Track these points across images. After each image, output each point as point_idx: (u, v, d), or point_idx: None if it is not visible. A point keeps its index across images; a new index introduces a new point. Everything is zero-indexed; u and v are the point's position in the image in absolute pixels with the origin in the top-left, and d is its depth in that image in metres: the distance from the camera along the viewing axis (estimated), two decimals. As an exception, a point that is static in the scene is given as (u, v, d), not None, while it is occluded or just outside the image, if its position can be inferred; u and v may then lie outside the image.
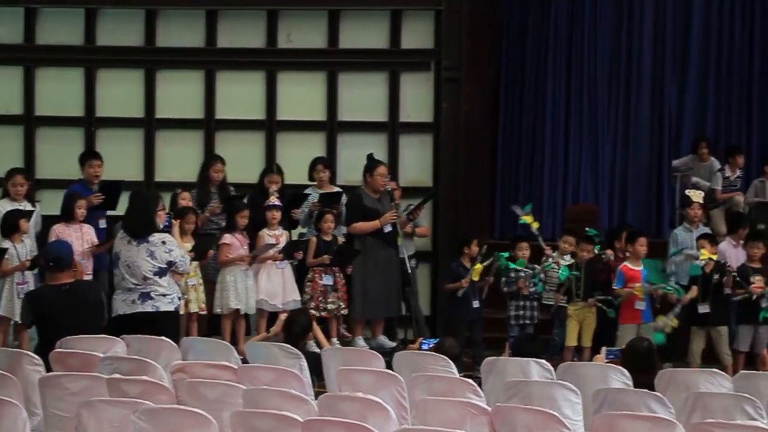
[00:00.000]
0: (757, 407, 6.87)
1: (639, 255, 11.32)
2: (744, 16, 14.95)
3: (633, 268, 11.26)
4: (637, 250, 11.32)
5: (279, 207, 11.71)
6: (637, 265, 11.28)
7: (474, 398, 7.23)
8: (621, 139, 14.93)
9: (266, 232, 11.65)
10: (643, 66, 14.84)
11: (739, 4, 14.94)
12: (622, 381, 7.79)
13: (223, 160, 12.31)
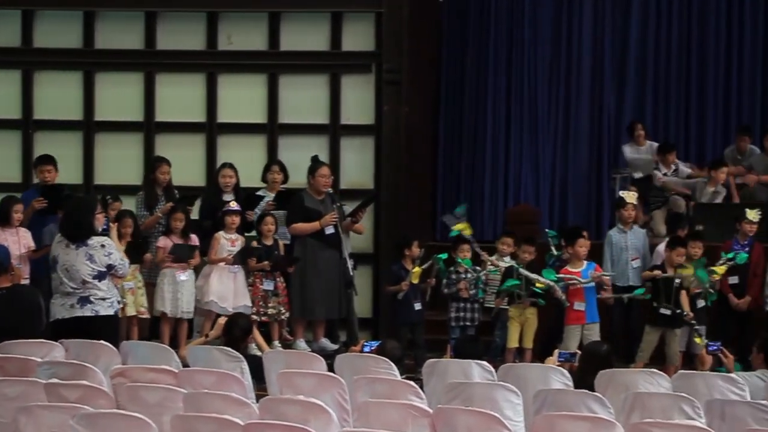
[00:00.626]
0: (695, 407, 6.92)
1: (579, 256, 11.37)
2: (681, 20, 15.13)
3: (573, 270, 11.30)
4: (576, 251, 11.37)
5: (238, 212, 11.68)
6: (578, 266, 11.32)
7: (415, 400, 7.23)
8: (561, 141, 15.02)
9: (222, 236, 11.61)
10: (583, 68, 14.95)
11: (677, 8, 15.11)
12: (563, 382, 7.82)
13: (168, 161, 12.24)
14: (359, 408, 7.03)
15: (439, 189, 14.92)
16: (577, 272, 11.25)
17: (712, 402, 7.13)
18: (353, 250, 12.56)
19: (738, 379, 7.67)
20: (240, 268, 11.57)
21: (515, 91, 14.80)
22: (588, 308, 11.17)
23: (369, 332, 12.84)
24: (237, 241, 11.67)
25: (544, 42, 14.89)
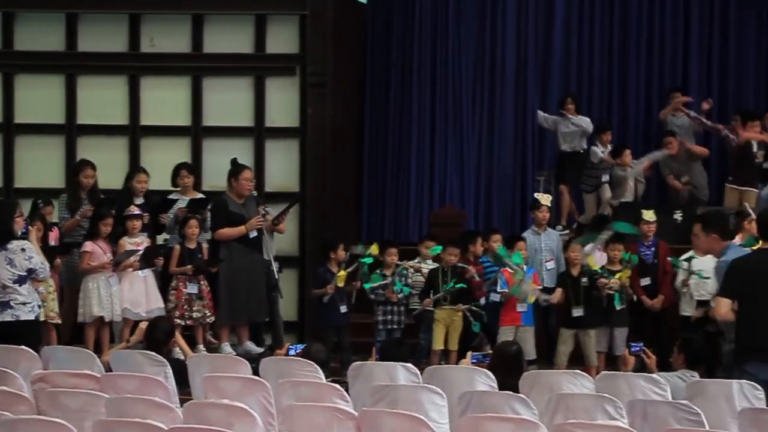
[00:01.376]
0: (618, 407, 6.97)
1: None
2: (603, 19, 15.29)
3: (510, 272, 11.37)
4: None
5: (138, 216, 11.57)
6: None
7: (341, 403, 7.21)
8: (486, 144, 15.09)
9: (127, 240, 11.51)
10: (507, 70, 15.04)
11: (599, 7, 15.27)
12: (488, 384, 7.85)
13: (93, 165, 12.10)
14: (284, 411, 7.00)
15: (364, 191, 14.93)
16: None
17: (634, 402, 7.18)
18: (278, 252, 12.51)
19: (660, 380, 7.73)
20: (149, 271, 11.47)
21: (440, 92, 14.85)
22: (526, 312, 11.28)
23: (294, 335, 12.81)
24: (142, 245, 11.55)
25: (468, 43, 14.95)
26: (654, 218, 11.88)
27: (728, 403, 7.34)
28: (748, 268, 8.19)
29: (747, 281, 7.97)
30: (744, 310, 7.95)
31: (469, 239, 12.12)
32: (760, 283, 7.90)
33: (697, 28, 15.24)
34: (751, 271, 8.05)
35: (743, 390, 7.38)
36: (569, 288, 11.46)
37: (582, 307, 11.34)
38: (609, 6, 15.32)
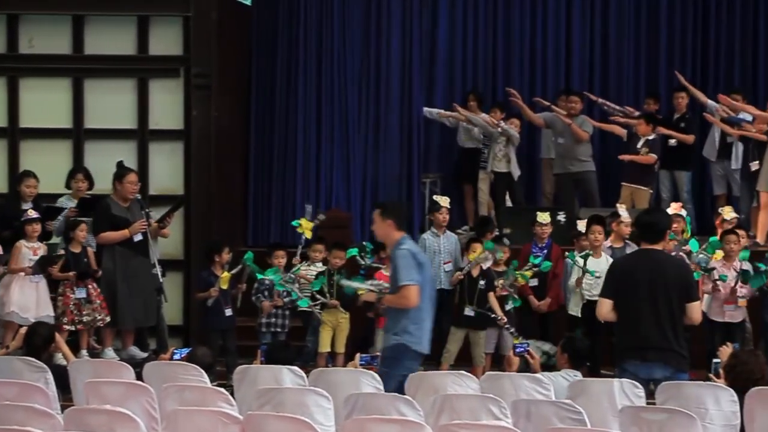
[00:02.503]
0: (502, 407, 7.04)
1: (390, 260, 11.46)
2: (487, 24, 15.46)
3: (386, 274, 11.36)
4: (390, 255, 11.46)
5: (38, 219, 11.37)
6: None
7: (226, 407, 7.16)
8: (372, 147, 15.09)
9: (24, 244, 11.30)
10: (392, 72, 15.04)
11: (482, 10, 15.42)
12: (374, 385, 7.86)
13: None
14: (168, 416, 6.93)
15: (250, 194, 14.83)
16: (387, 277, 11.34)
17: (518, 402, 7.26)
18: (162, 256, 12.39)
19: (543, 380, 7.83)
20: (41, 277, 11.28)
21: (325, 94, 14.81)
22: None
23: (180, 339, 12.68)
24: (39, 250, 11.35)
25: (354, 44, 14.94)
26: (548, 220, 11.99)
27: (610, 401, 7.46)
28: (626, 268, 8.34)
29: (625, 282, 8.11)
30: (623, 310, 8.08)
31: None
32: (637, 284, 8.05)
33: (578, 27, 15.45)
34: (629, 272, 8.20)
35: (624, 388, 7.51)
36: (465, 287, 11.50)
37: (474, 307, 11.41)
38: (492, 5, 15.45)
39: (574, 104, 14.25)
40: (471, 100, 14.75)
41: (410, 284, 8.49)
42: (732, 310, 11.10)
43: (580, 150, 14.11)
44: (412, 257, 8.60)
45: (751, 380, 7.36)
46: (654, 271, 8.05)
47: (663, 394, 7.52)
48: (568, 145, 14.10)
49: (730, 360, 7.62)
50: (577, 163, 14.13)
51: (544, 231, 11.97)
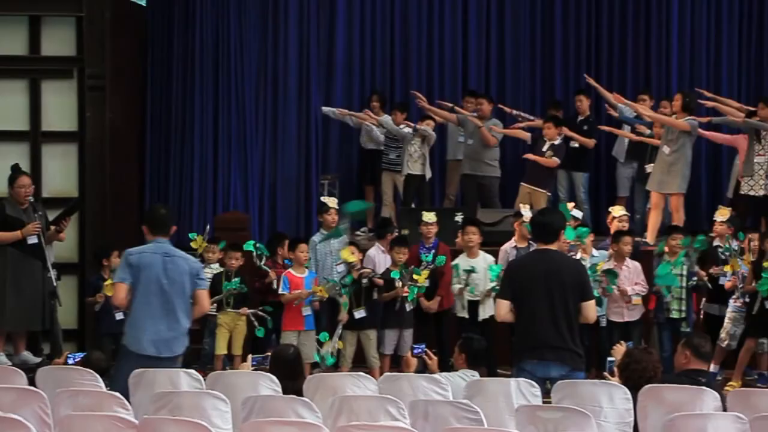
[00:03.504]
0: (400, 408, 7.05)
1: (300, 261, 11.41)
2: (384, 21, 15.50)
3: (297, 275, 11.33)
4: (298, 256, 11.42)
5: None
6: (301, 272, 11.36)
7: (121, 412, 7.08)
8: (269, 148, 15.05)
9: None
10: (290, 73, 15.04)
11: (379, 9, 15.47)
12: (272, 388, 7.82)
13: None
14: (62, 422, 6.83)
15: (146, 196, 14.69)
16: (300, 277, 11.30)
17: (416, 402, 7.28)
18: (57, 259, 12.21)
19: (441, 380, 7.86)
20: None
21: (222, 95, 14.73)
22: (308, 316, 11.28)
23: (74, 344, 12.51)
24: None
25: (251, 45, 14.89)
26: (434, 219, 12.00)
27: (506, 400, 7.51)
28: (523, 269, 8.41)
29: (522, 282, 8.18)
30: (520, 310, 8.15)
31: (276, 242, 12.06)
32: (533, 284, 8.11)
33: (474, 23, 15.54)
34: (525, 272, 8.27)
35: (520, 388, 7.57)
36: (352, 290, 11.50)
37: (363, 309, 11.41)
38: (390, 6, 15.51)
39: (481, 106, 14.34)
40: (374, 101, 14.76)
41: (116, 282, 8.64)
42: (632, 309, 11.25)
43: (487, 154, 14.19)
44: (125, 258, 8.61)
45: (644, 378, 7.47)
46: (549, 270, 8.11)
47: (559, 393, 7.60)
48: (476, 148, 14.18)
49: (624, 358, 7.72)
50: (483, 166, 14.20)
51: (430, 230, 11.95)
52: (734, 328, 11.09)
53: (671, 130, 12.69)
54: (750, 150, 12.70)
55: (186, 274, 8.58)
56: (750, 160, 12.68)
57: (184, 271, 8.58)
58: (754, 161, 12.64)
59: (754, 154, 12.65)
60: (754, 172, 12.63)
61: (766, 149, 12.63)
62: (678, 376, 7.59)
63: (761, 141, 12.62)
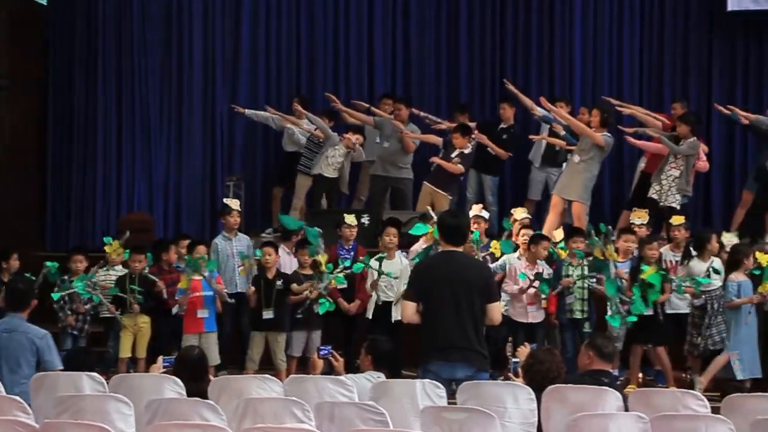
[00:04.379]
0: (305, 410, 7.03)
1: (205, 265, 11.37)
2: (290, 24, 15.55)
3: (195, 278, 11.25)
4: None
5: None
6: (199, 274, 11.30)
7: (21, 416, 6.97)
8: (174, 150, 14.96)
9: None
10: (194, 74, 14.97)
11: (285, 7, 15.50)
12: (176, 391, 7.76)
13: None
14: (-41, 428, 6.71)
15: (48, 197, 14.50)
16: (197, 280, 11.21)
17: (321, 404, 7.27)
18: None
19: (347, 382, 7.85)
20: None
21: (126, 96, 14.63)
22: (208, 318, 11.18)
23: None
24: None
25: (154, 45, 14.79)
26: (355, 222, 12.04)
27: (412, 402, 7.53)
28: (429, 270, 8.44)
29: (429, 284, 8.20)
30: (426, 311, 8.18)
31: (162, 248, 11.94)
32: (439, 285, 8.14)
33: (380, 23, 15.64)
34: (431, 273, 8.29)
35: (425, 389, 7.60)
36: (262, 290, 11.46)
37: (272, 310, 11.36)
38: (296, 4, 15.53)
39: (398, 111, 14.37)
40: (296, 103, 14.69)
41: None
42: (534, 311, 11.34)
43: (402, 157, 14.24)
44: None
45: (548, 379, 7.53)
46: (456, 272, 8.14)
47: (464, 394, 7.63)
48: (392, 150, 14.23)
49: (528, 359, 7.79)
50: (397, 169, 14.26)
51: (352, 233, 12.02)
52: (617, 331, 11.25)
53: (586, 140, 12.84)
54: (666, 160, 12.89)
55: (26, 351, 8.41)
56: (662, 169, 12.88)
57: (25, 348, 8.41)
58: (666, 172, 12.85)
59: (669, 165, 12.85)
60: (663, 182, 12.84)
61: (680, 164, 12.84)
62: (581, 377, 7.67)
63: (677, 155, 12.83)
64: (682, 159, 12.87)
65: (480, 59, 15.64)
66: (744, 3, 14.79)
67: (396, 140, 14.16)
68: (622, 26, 15.44)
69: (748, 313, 10.64)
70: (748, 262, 10.80)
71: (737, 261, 10.81)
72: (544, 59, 15.52)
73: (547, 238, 11.65)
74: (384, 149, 14.28)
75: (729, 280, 10.82)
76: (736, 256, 10.87)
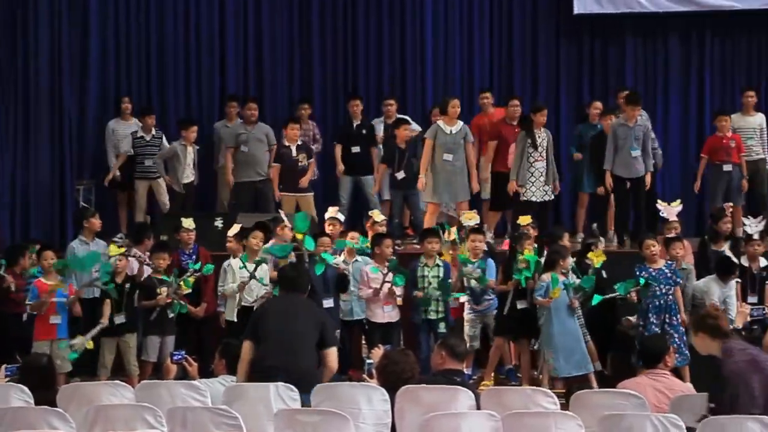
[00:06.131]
0: (157, 415, 6.99)
1: (47, 269, 11.12)
2: (140, 28, 15.43)
3: (46, 282, 11.02)
4: (43, 264, 11.11)
5: None
6: (51, 279, 11.06)
7: None
8: (21, 152, 14.67)
9: None
10: (41, 77, 14.70)
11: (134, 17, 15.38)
12: (23, 399, 7.60)
13: None
14: None
15: None
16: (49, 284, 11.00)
17: (174, 410, 7.21)
18: None
19: (200, 386, 7.79)
20: None
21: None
22: (61, 324, 10.98)
23: None
24: None
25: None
26: (193, 226, 11.96)
27: (265, 405, 7.50)
28: (267, 312, 8.66)
29: (265, 324, 8.44)
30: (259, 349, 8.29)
31: (18, 253, 11.69)
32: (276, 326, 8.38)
33: (232, 23, 15.58)
34: (269, 315, 8.55)
35: (279, 392, 7.57)
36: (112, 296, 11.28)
37: (124, 315, 11.21)
38: (145, 6, 15.40)
39: (253, 111, 14.31)
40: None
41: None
42: (390, 311, 11.39)
43: (263, 161, 14.22)
44: None
45: (402, 379, 7.56)
46: (292, 314, 8.42)
47: (318, 396, 7.64)
48: (253, 154, 14.18)
49: (382, 360, 7.81)
50: (259, 173, 14.21)
51: (190, 236, 11.94)
52: (472, 329, 11.37)
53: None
54: (524, 157, 13.04)
55: None
56: (525, 168, 13.03)
57: None
58: (532, 167, 13.00)
59: (532, 160, 13.02)
60: (534, 178, 13.01)
61: (543, 155, 13.02)
62: (434, 376, 7.73)
63: (537, 147, 13.02)
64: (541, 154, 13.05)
65: (333, 60, 15.67)
66: (590, 6, 15.23)
67: (255, 144, 14.13)
68: (472, 27, 15.65)
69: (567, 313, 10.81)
70: (564, 262, 11.01)
71: (553, 261, 11.00)
72: (395, 58, 15.63)
73: (388, 236, 11.67)
74: (244, 154, 14.20)
75: (540, 280, 11.01)
76: (552, 257, 11.07)
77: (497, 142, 13.69)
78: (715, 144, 13.73)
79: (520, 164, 13.03)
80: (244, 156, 14.22)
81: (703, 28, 15.45)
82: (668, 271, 11.05)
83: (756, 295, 11.46)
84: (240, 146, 14.22)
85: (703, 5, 15.16)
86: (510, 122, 13.83)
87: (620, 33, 15.55)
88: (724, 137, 13.64)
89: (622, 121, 13.29)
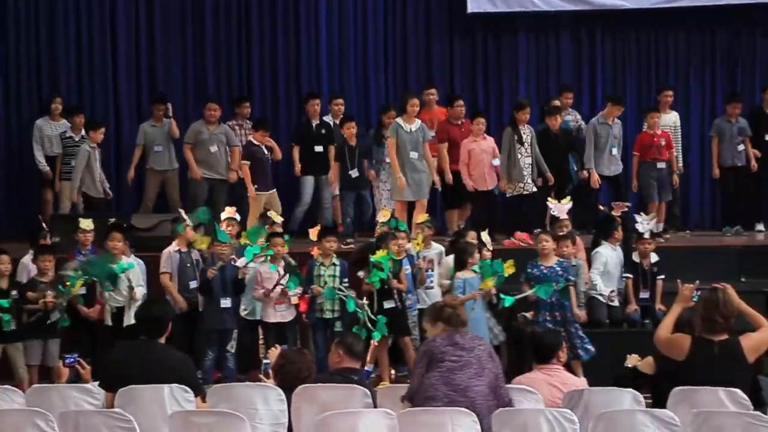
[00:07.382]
0: (49, 420, 6.90)
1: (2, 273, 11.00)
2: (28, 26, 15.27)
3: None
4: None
5: None
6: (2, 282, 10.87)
7: None
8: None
9: None
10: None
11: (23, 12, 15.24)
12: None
13: None
14: None
15: None
16: None
17: (66, 414, 7.11)
18: None
19: (93, 389, 7.67)
20: None
21: None
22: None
23: None
24: None
25: None
26: (91, 227, 11.82)
27: (160, 407, 7.39)
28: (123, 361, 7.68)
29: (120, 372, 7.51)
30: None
31: None
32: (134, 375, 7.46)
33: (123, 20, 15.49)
34: (126, 363, 7.59)
35: (174, 394, 7.44)
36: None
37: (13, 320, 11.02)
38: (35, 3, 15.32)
39: (213, 111, 14.22)
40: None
41: None
42: (284, 311, 11.34)
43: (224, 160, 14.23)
44: None
45: (299, 379, 7.55)
46: (153, 361, 7.53)
47: (214, 397, 7.59)
48: (216, 154, 14.18)
49: (279, 360, 7.78)
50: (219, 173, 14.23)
51: (87, 238, 11.81)
52: None
53: None
54: (512, 153, 13.23)
55: None
56: (517, 165, 13.24)
57: None
58: (522, 164, 13.25)
59: (521, 156, 13.25)
60: (525, 174, 13.24)
61: (529, 149, 13.30)
62: (331, 375, 7.73)
63: (524, 143, 13.24)
64: None
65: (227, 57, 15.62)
66: (483, 5, 15.35)
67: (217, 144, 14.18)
68: (367, 24, 15.68)
69: (471, 309, 10.82)
70: (473, 260, 11.17)
71: (462, 261, 11.20)
72: (290, 57, 15.59)
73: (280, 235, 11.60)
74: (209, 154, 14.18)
75: (456, 278, 11.19)
76: (461, 256, 11.25)
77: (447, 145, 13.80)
78: (645, 141, 13.98)
79: (508, 162, 13.25)
80: (206, 155, 14.19)
81: (594, 26, 15.69)
82: (559, 269, 11.19)
83: (648, 291, 11.69)
84: (197, 145, 14.17)
85: (594, 4, 15.40)
86: (455, 122, 13.96)
87: (514, 32, 15.70)
88: (655, 135, 13.91)
89: (602, 120, 13.76)
